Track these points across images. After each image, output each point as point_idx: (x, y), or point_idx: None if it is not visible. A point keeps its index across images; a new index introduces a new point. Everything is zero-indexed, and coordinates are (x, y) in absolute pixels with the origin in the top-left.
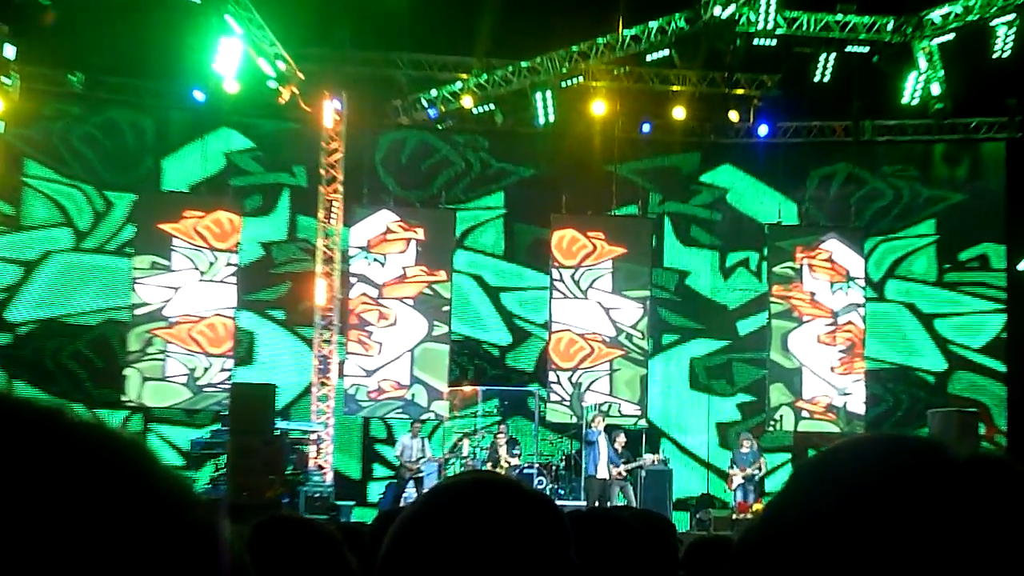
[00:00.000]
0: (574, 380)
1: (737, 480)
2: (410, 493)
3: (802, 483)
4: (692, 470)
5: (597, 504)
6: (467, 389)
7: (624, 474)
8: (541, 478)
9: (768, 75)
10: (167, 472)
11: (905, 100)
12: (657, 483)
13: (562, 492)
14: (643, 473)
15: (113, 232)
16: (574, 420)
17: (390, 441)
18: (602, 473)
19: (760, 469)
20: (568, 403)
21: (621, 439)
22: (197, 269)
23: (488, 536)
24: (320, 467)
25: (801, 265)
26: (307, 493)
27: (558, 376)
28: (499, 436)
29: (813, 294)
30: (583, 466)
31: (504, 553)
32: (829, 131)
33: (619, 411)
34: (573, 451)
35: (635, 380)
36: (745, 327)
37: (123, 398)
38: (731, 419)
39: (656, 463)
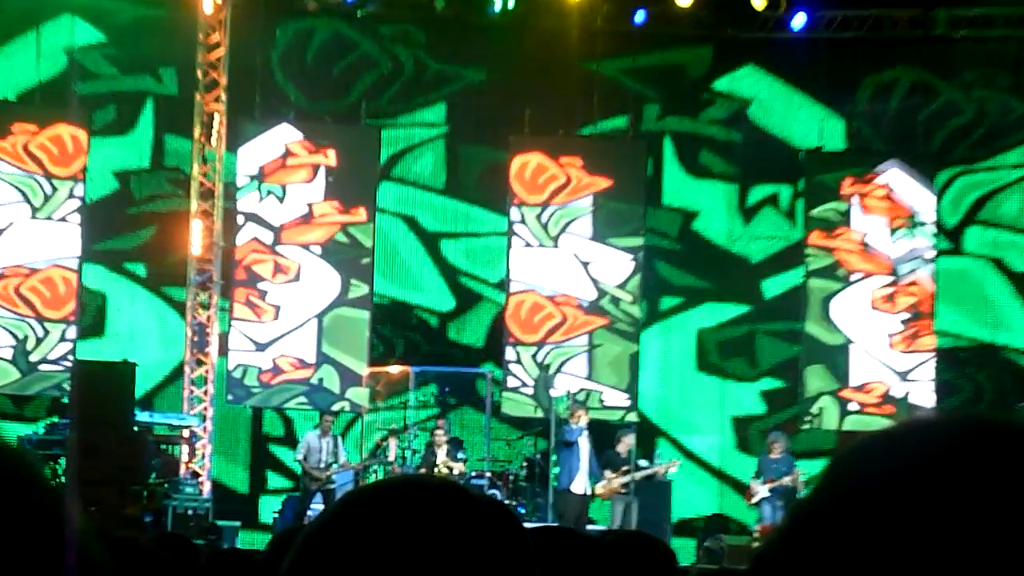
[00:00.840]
0: (540, 359)
1: (761, 493)
2: (317, 511)
3: (844, 476)
4: (699, 481)
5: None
6: (394, 371)
7: (626, 488)
8: (494, 491)
9: None
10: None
11: None
12: (652, 497)
13: (522, 510)
14: (631, 483)
15: None
16: (539, 413)
17: (290, 441)
18: (580, 487)
19: (795, 482)
20: (532, 390)
21: (627, 441)
22: (28, 203)
23: (421, 558)
24: (195, 475)
25: (849, 204)
26: (177, 510)
27: (518, 353)
28: (437, 434)
29: (865, 243)
30: (554, 476)
31: None
32: (889, 22)
33: (600, 401)
34: (538, 455)
35: (622, 359)
36: (773, 288)
37: None
38: (753, 412)
39: (672, 471)
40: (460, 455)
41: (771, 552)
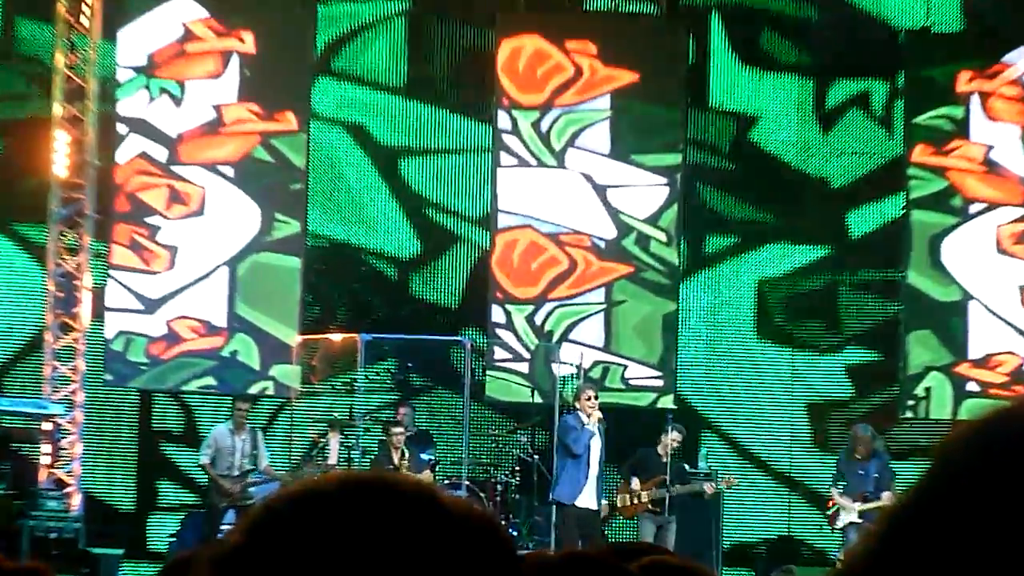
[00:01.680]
0: (539, 322)
1: (849, 515)
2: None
3: (961, 469)
4: (761, 492)
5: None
6: (336, 339)
7: (658, 506)
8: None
9: None
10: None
11: None
12: (695, 514)
13: (514, 532)
14: (668, 495)
15: None
16: (538, 399)
17: (191, 438)
18: (588, 500)
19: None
20: (527, 366)
21: (671, 440)
22: None
23: None
24: (60, 484)
25: (967, 107)
26: (35, 531)
27: (508, 315)
28: (395, 430)
29: (989, 161)
30: (554, 485)
31: None
32: None
33: (622, 379)
34: (535, 456)
35: (653, 322)
36: (862, 222)
37: None
38: (834, 396)
39: (728, 487)
40: (427, 456)
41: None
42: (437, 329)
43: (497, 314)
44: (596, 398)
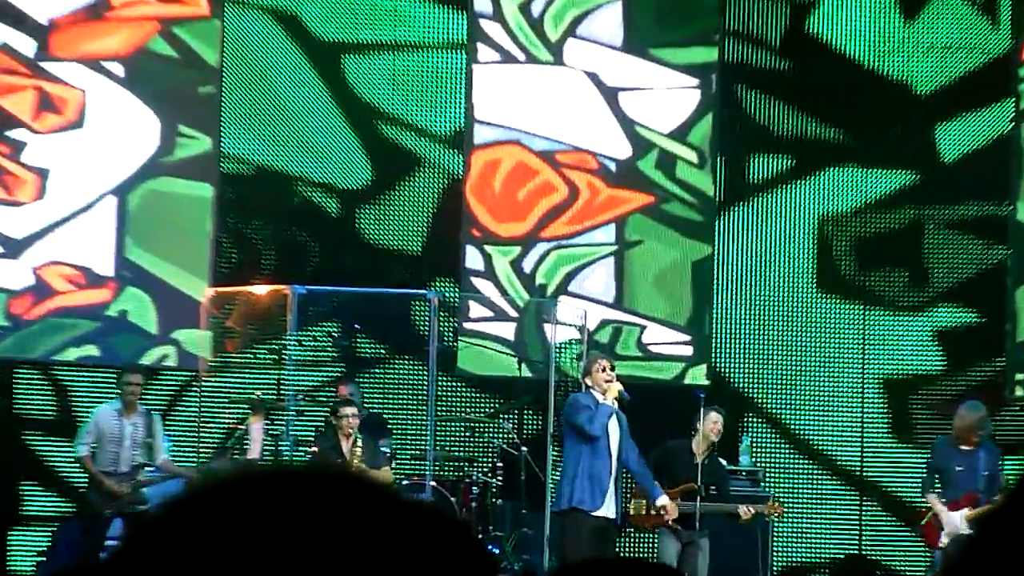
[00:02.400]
0: (529, 269)
1: (954, 525)
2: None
3: None
4: (822, 498)
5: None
6: (260, 293)
7: (680, 523)
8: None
9: None
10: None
11: None
12: (738, 526)
13: (494, 547)
14: (696, 508)
15: None
16: (527, 372)
17: (66, 425)
18: (606, 508)
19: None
20: (514, 327)
21: (710, 427)
22: None
23: None
24: None
25: None
26: None
27: (488, 259)
28: (346, 411)
29: None
30: (554, 487)
31: None
32: None
33: (638, 344)
34: (524, 449)
35: (680, 270)
36: (957, 140)
37: None
38: (920, 369)
39: (773, 516)
40: (382, 447)
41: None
42: (394, 280)
43: (473, 259)
44: (613, 369)
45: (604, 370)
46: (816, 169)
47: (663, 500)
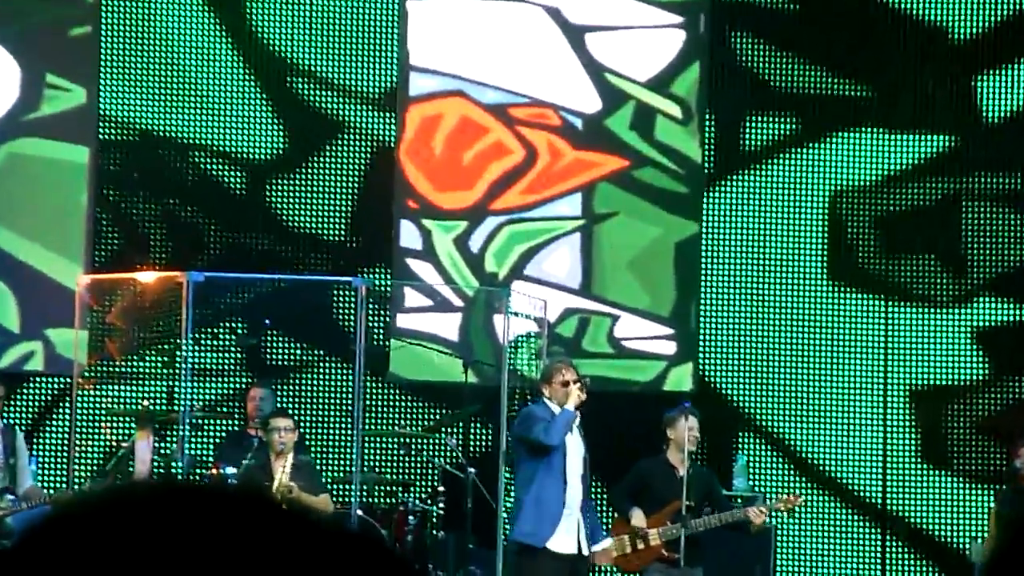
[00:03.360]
0: (474, 246)
1: None
2: None
3: None
4: (835, 530)
5: None
6: (148, 281)
7: (670, 552)
8: None
9: None
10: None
11: None
12: (736, 561)
13: None
14: (687, 531)
15: None
16: (474, 378)
17: None
18: (567, 539)
19: None
20: (459, 320)
21: (685, 431)
22: None
23: None
24: None
25: None
26: None
27: (426, 236)
28: (278, 423)
29: None
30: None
31: None
32: None
33: (609, 338)
34: (472, 472)
35: (660, 251)
36: (999, 97)
37: None
38: (955, 376)
39: (790, 509)
40: (299, 463)
41: None
42: (312, 266)
43: (409, 236)
44: (578, 383)
45: (568, 384)
46: (828, 132)
47: (599, 546)
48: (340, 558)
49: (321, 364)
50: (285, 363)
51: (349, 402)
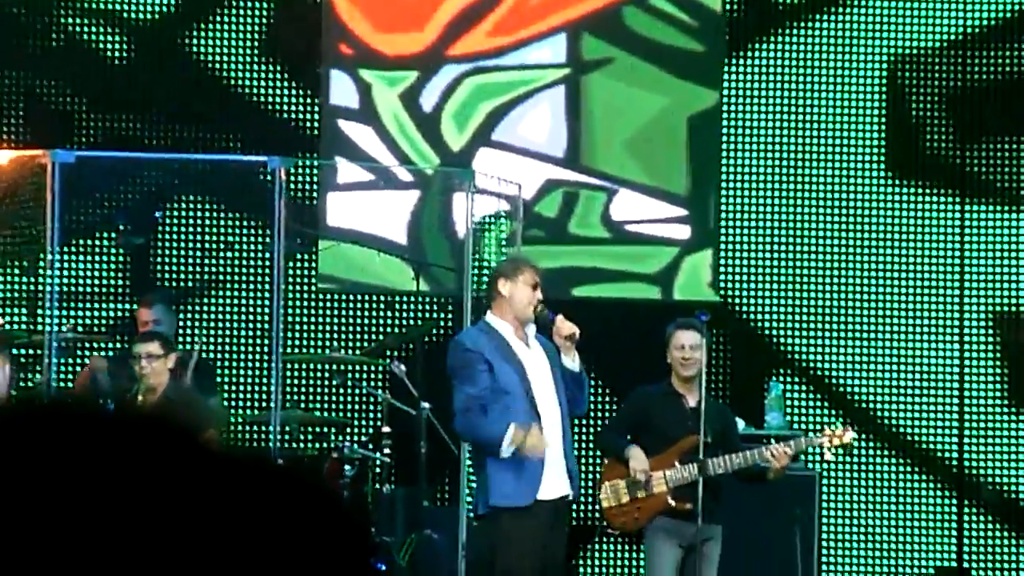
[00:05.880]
0: (426, 105)
1: None
2: None
3: None
4: (900, 490)
5: None
6: (1, 162)
7: (688, 502)
8: None
9: None
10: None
11: None
12: (768, 523)
13: (380, 564)
14: (705, 474)
15: None
16: (424, 284)
17: None
18: (555, 487)
19: None
20: (408, 207)
21: (686, 347)
22: None
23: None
24: None
25: None
26: None
27: (364, 90)
28: (144, 352)
29: None
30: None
31: None
32: None
33: (604, 217)
34: (426, 407)
35: (670, 125)
36: None
37: None
38: None
39: (836, 448)
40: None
41: None
42: (214, 143)
43: (341, 89)
44: (538, 287)
45: (537, 286)
46: None
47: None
48: (260, 498)
49: (228, 271)
50: (181, 270)
51: (265, 320)
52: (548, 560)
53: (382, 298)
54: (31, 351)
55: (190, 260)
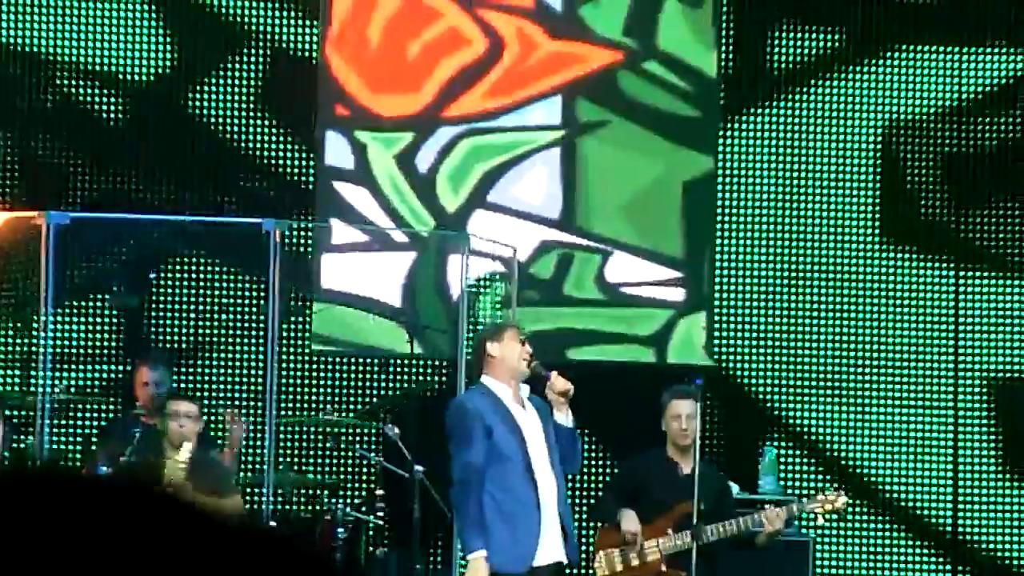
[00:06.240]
0: (422, 166)
1: None
2: None
3: None
4: (894, 559)
5: None
6: None
7: (681, 568)
8: None
9: None
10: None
11: None
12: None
13: None
14: (699, 541)
15: None
16: (419, 348)
17: None
18: (551, 553)
19: None
20: (403, 269)
21: (683, 415)
22: None
23: None
24: None
25: None
26: None
27: (359, 151)
28: (180, 411)
29: None
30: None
31: None
32: None
33: (597, 279)
34: (419, 470)
35: (665, 192)
36: None
37: None
38: None
39: (829, 514)
40: (206, 461)
41: None
42: (207, 205)
43: (336, 151)
44: (526, 343)
45: (524, 342)
46: (883, 48)
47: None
48: (247, 560)
49: (222, 332)
50: (175, 330)
51: (259, 381)
52: None
53: (376, 360)
54: (24, 412)
55: (184, 320)
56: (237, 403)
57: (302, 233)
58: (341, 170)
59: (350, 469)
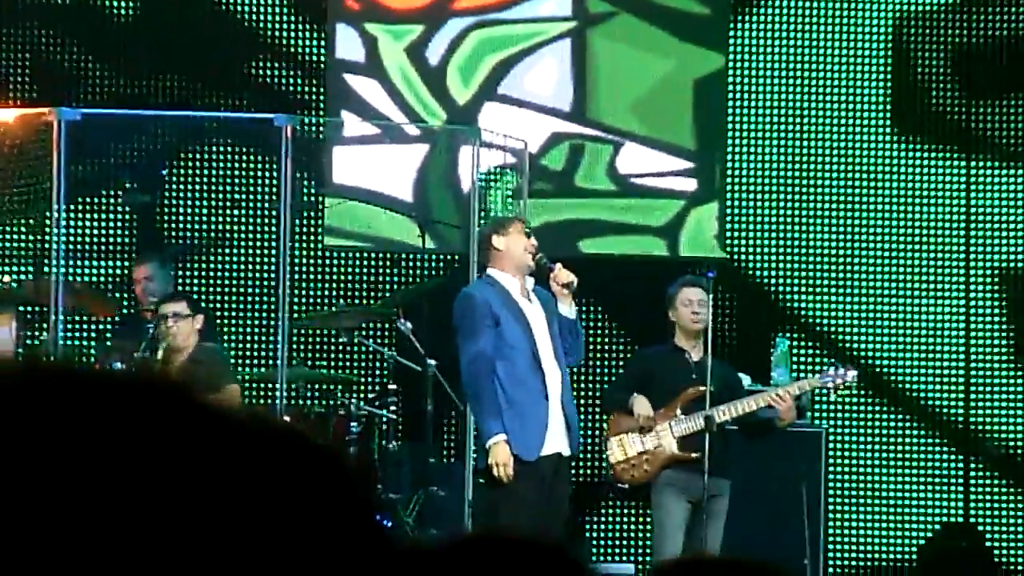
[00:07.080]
0: (432, 59)
1: None
2: None
3: None
4: (904, 451)
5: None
6: (7, 119)
7: (694, 449)
8: None
9: None
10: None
11: None
12: (775, 484)
13: (385, 519)
14: (713, 426)
15: None
16: (432, 243)
17: None
18: (556, 443)
19: None
20: (414, 162)
21: (692, 302)
22: None
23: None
24: None
25: None
26: None
27: (370, 44)
28: (170, 311)
29: None
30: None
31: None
32: None
33: (609, 169)
34: (432, 363)
35: (675, 90)
36: None
37: None
38: None
39: (839, 388)
40: (205, 354)
41: None
42: (215, 100)
43: (347, 44)
44: (531, 235)
45: (528, 234)
46: None
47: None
48: (259, 454)
49: (233, 228)
50: (187, 227)
51: (272, 277)
52: (551, 515)
53: (388, 255)
54: (37, 308)
55: (196, 217)
56: (249, 298)
57: (313, 128)
58: (352, 63)
59: (363, 364)
